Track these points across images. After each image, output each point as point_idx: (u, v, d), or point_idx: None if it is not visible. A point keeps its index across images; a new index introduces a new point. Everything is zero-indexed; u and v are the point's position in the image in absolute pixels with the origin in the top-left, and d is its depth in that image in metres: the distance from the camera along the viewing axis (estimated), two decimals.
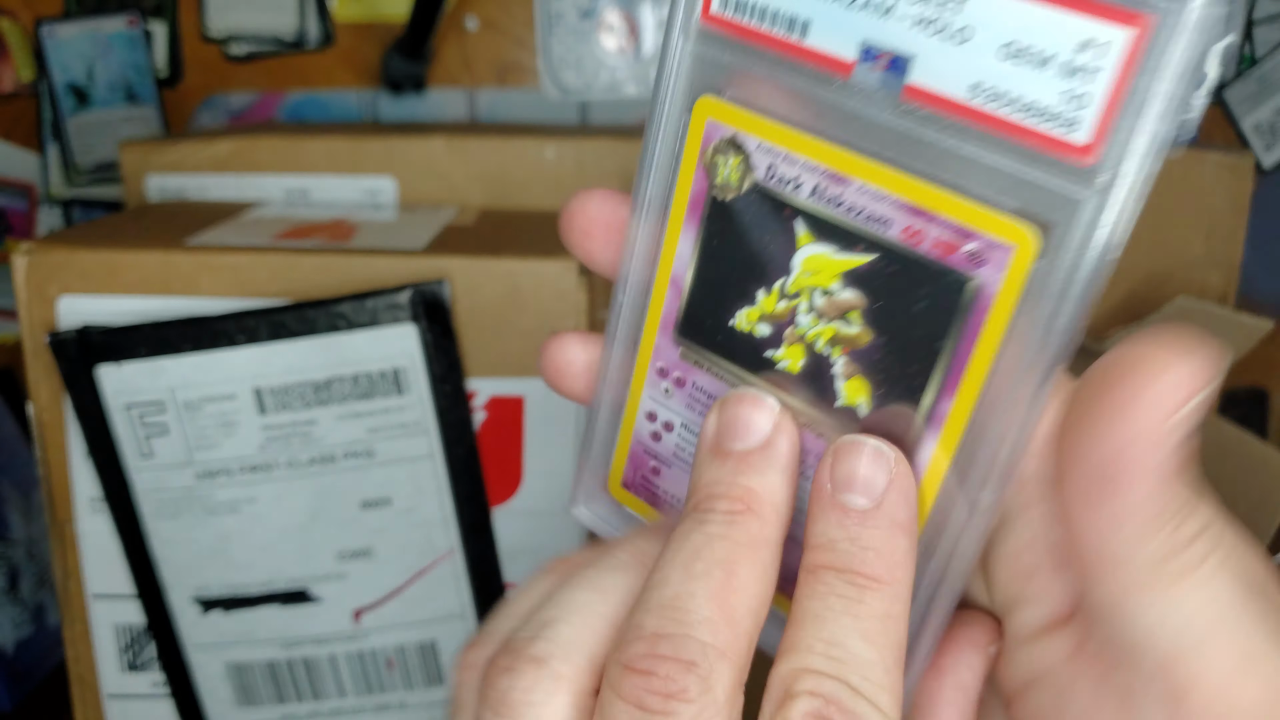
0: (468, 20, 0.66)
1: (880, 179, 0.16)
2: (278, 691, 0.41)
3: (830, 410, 0.18)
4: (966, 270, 0.16)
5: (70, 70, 0.65)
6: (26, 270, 0.38)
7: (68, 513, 0.40)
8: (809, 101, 0.17)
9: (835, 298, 0.17)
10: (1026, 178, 0.15)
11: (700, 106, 0.18)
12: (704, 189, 0.18)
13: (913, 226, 0.16)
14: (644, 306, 0.20)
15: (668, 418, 0.20)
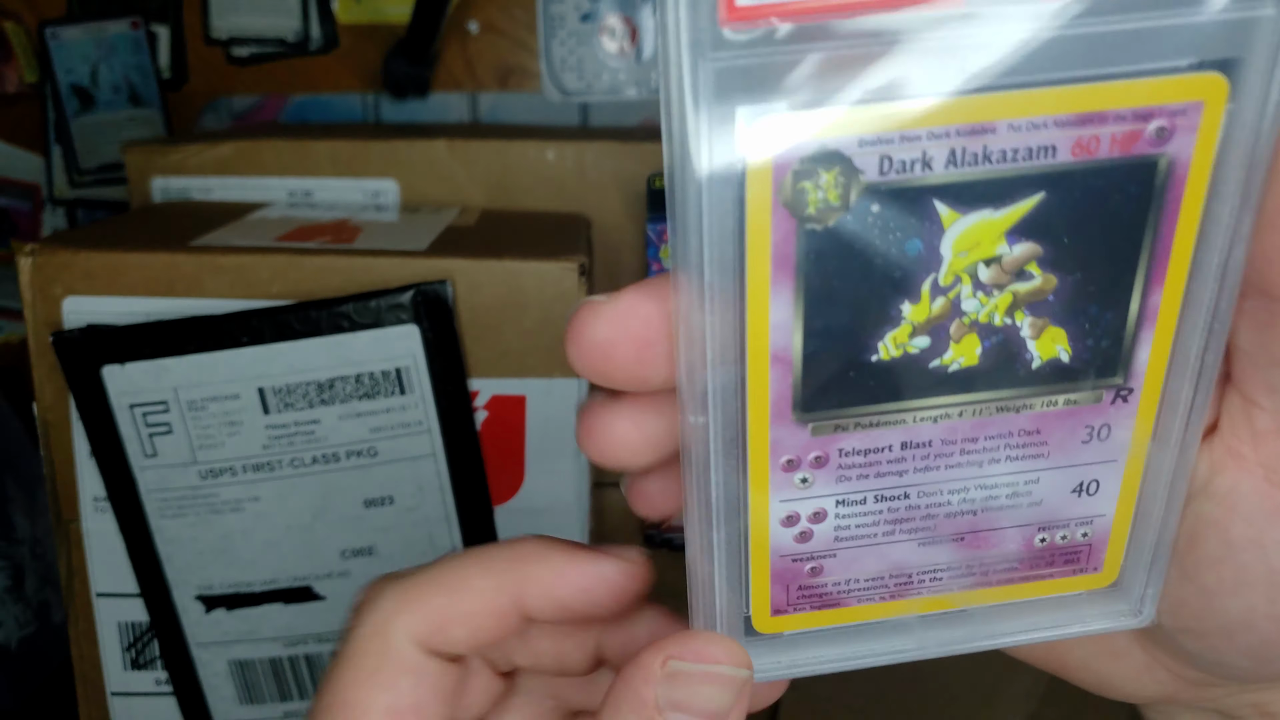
0: (469, 23, 0.66)
1: (1031, 106, 0.14)
2: (280, 689, 0.42)
3: (1027, 376, 0.15)
4: (1154, 152, 0.14)
5: (74, 72, 0.65)
6: (31, 271, 0.38)
7: (72, 512, 0.41)
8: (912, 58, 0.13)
9: (1007, 259, 0.15)
10: (1198, 24, 0.13)
11: (759, 132, 0.13)
12: (790, 230, 0.14)
13: (1083, 138, 0.14)
14: (738, 408, 0.15)
15: (815, 508, 0.16)
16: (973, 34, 0.13)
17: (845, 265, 0.14)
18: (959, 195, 0.14)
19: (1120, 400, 0.16)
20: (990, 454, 0.16)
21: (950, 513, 0.17)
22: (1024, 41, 0.13)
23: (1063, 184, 0.14)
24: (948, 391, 0.16)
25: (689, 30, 0.13)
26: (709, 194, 0.14)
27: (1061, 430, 0.16)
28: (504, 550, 0.18)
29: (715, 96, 0.13)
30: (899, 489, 0.16)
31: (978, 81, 0.13)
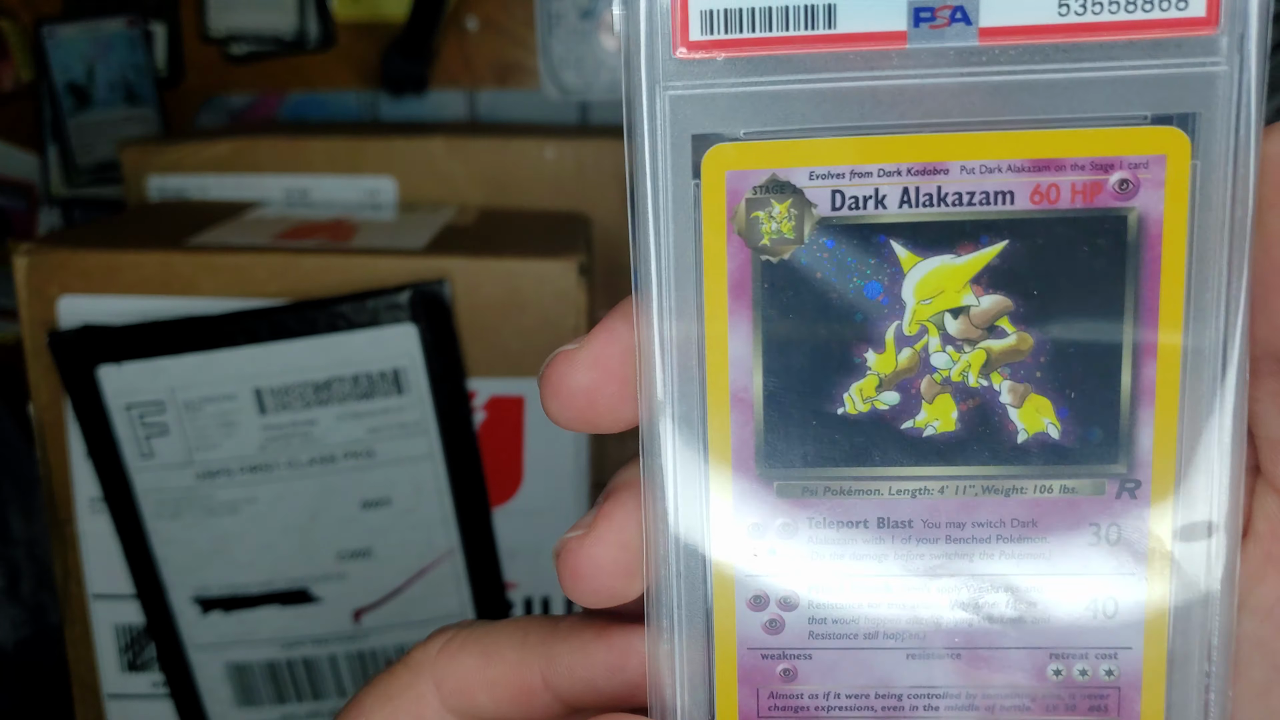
0: (468, 20, 0.66)
1: (983, 149, 0.13)
2: (278, 692, 0.41)
3: (1013, 452, 0.14)
4: (1120, 205, 0.13)
5: (70, 70, 0.65)
6: (27, 270, 0.38)
7: (68, 513, 0.40)
8: (858, 96, 0.13)
9: (975, 311, 0.14)
10: (1151, 76, 0.13)
11: (712, 159, 0.14)
12: (745, 259, 0.14)
13: (1040, 186, 0.13)
14: (699, 456, 0.14)
15: (784, 590, 0.15)
16: (918, 73, 0.13)
17: (803, 301, 0.14)
18: (916, 237, 0.14)
19: (1127, 495, 0.14)
20: (981, 546, 0.14)
21: (931, 621, 0.15)
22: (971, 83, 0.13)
23: (1025, 232, 0.14)
24: (925, 461, 0.14)
25: (647, 59, 0.13)
26: (666, 221, 0.14)
27: (1062, 525, 0.14)
28: (543, 624, 0.18)
29: (671, 124, 0.14)
30: (879, 578, 0.15)
31: (928, 120, 0.13)
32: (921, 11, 0.13)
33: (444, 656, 0.18)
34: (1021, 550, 0.14)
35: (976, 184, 0.14)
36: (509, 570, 0.41)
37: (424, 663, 0.18)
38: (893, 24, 0.13)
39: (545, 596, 0.42)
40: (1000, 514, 0.14)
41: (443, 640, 0.18)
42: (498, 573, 0.41)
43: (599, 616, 0.17)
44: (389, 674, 0.19)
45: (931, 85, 0.13)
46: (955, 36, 0.13)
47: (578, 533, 0.15)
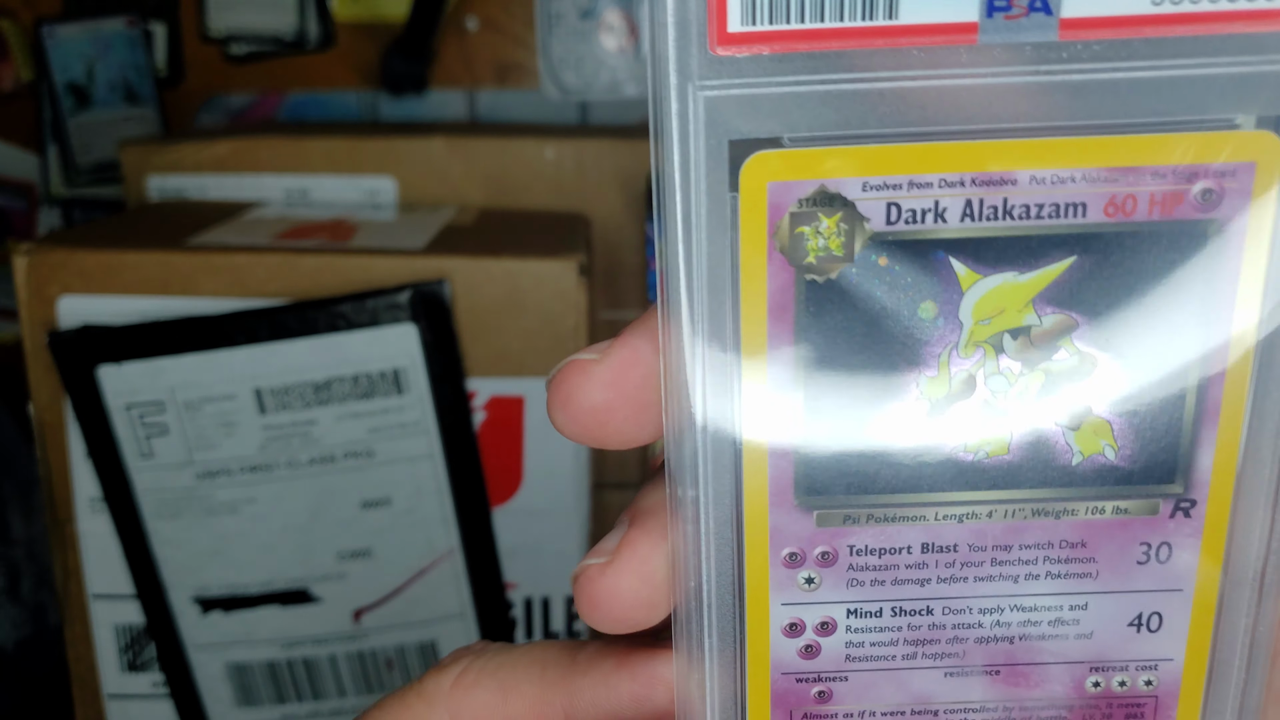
0: (468, 20, 0.66)
1: (1056, 156, 0.12)
2: (278, 692, 0.41)
3: (1067, 475, 0.14)
4: (1201, 216, 0.12)
5: (70, 70, 0.65)
6: (27, 270, 0.38)
7: (68, 513, 0.40)
8: (920, 98, 0.12)
9: (1036, 331, 0.13)
10: (1251, 73, 0.12)
11: (752, 169, 0.12)
12: (788, 280, 0.13)
13: (1116, 196, 0.12)
14: (733, 483, 0.14)
15: (822, 616, 0.14)
16: (990, 71, 0.12)
17: (850, 324, 0.13)
18: (978, 253, 0.13)
19: (1181, 514, 0.14)
20: (1028, 567, 0.14)
21: (982, 637, 0.14)
22: (1048, 83, 0.12)
23: (1097, 247, 0.13)
24: (974, 486, 0.14)
25: (678, 54, 0.12)
26: (699, 236, 0.13)
27: (1112, 545, 0.14)
28: (561, 653, 0.17)
29: (706, 128, 0.12)
30: (921, 602, 0.14)
31: (996, 125, 0.12)
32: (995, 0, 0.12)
33: (459, 690, 0.18)
34: (1070, 570, 0.14)
35: (1047, 195, 0.12)
36: (509, 570, 0.41)
37: (438, 695, 0.18)
38: (963, 14, 0.12)
39: (545, 596, 0.42)
40: (1049, 536, 0.14)
41: (457, 670, 0.18)
42: (497, 573, 0.41)
43: (619, 642, 0.17)
44: (401, 702, 0.18)
45: (1004, 86, 0.12)
46: (1034, 29, 0.12)
47: (599, 560, 0.15)
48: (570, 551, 0.41)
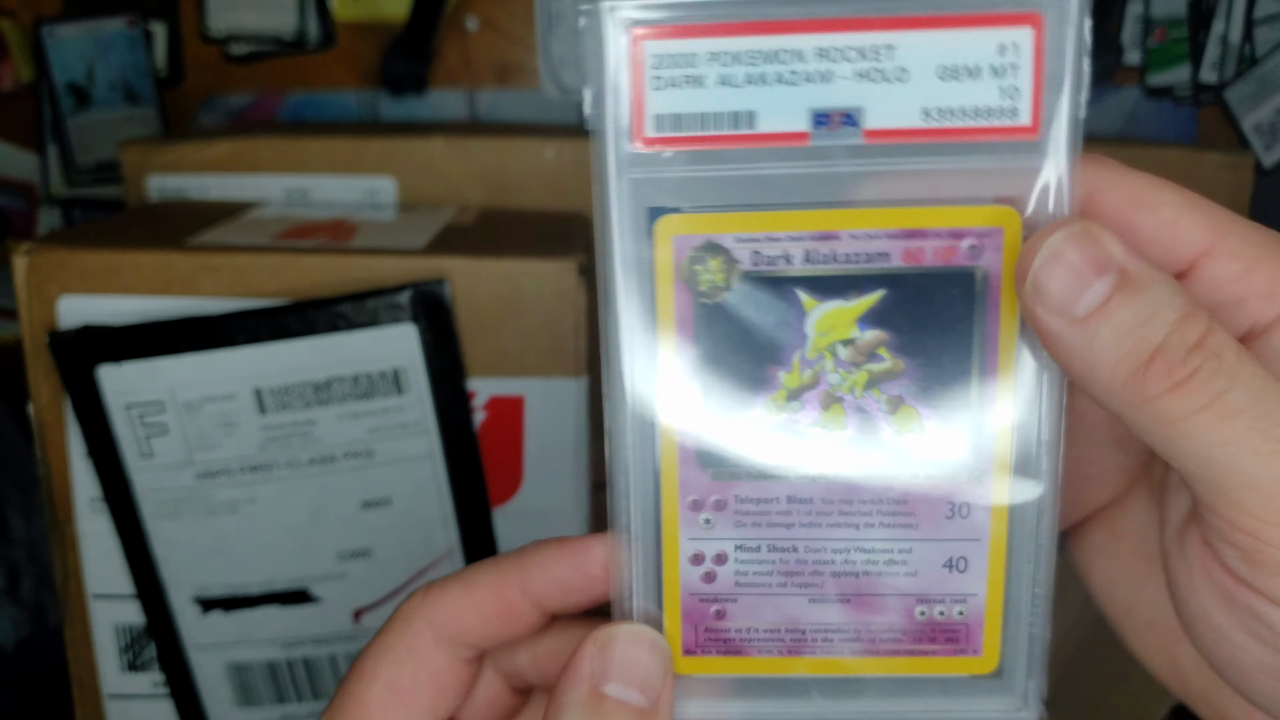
0: (468, 20, 0.66)
1: (866, 221, 0.18)
2: (278, 692, 0.42)
3: (889, 448, 0.19)
4: (969, 264, 0.18)
5: (70, 70, 0.65)
6: (26, 270, 0.38)
7: (68, 513, 0.40)
8: (772, 180, 0.18)
9: (859, 342, 0.18)
10: (991, 168, 0.18)
11: (663, 227, 0.18)
12: (688, 301, 0.18)
13: (910, 249, 0.18)
14: (653, 451, 0.19)
15: (717, 549, 0.19)
16: (818, 164, 0.18)
17: (731, 332, 0.18)
18: (815, 286, 0.18)
19: (974, 480, 0.19)
20: (865, 518, 0.19)
21: (835, 572, 0.19)
22: (857, 171, 0.18)
23: (899, 284, 0.18)
24: (822, 454, 0.19)
25: (614, 149, 0.18)
26: (628, 271, 0.18)
27: (927, 504, 0.19)
28: (511, 552, 0.21)
29: (631, 200, 0.18)
30: (788, 541, 0.19)
31: (824, 199, 0.18)
32: (820, 116, 0.18)
33: (429, 597, 0.20)
34: (896, 521, 0.19)
35: (861, 247, 0.18)
36: None
37: (413, 609, 0.20)
38: (798, 126, 0.18)
39: None
40: (880, 494, 0.19)
41: (423, 590, 0.21)
42: None
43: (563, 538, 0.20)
44: (383, 630, 0.21)
45: (827, 173, 0.18)
46: (845, 136, 0.18)
47: None
48: None
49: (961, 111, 0.17)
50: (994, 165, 0.18)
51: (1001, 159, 0.18)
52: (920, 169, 0.18)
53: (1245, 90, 0.66)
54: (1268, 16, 0.65)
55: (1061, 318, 0.16)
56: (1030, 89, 0.17)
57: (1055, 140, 0.17)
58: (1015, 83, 0.17)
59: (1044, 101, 0.17)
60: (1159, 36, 0.66)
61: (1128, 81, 0.67)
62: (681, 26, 0.17)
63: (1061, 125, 0.17)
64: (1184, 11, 0.66)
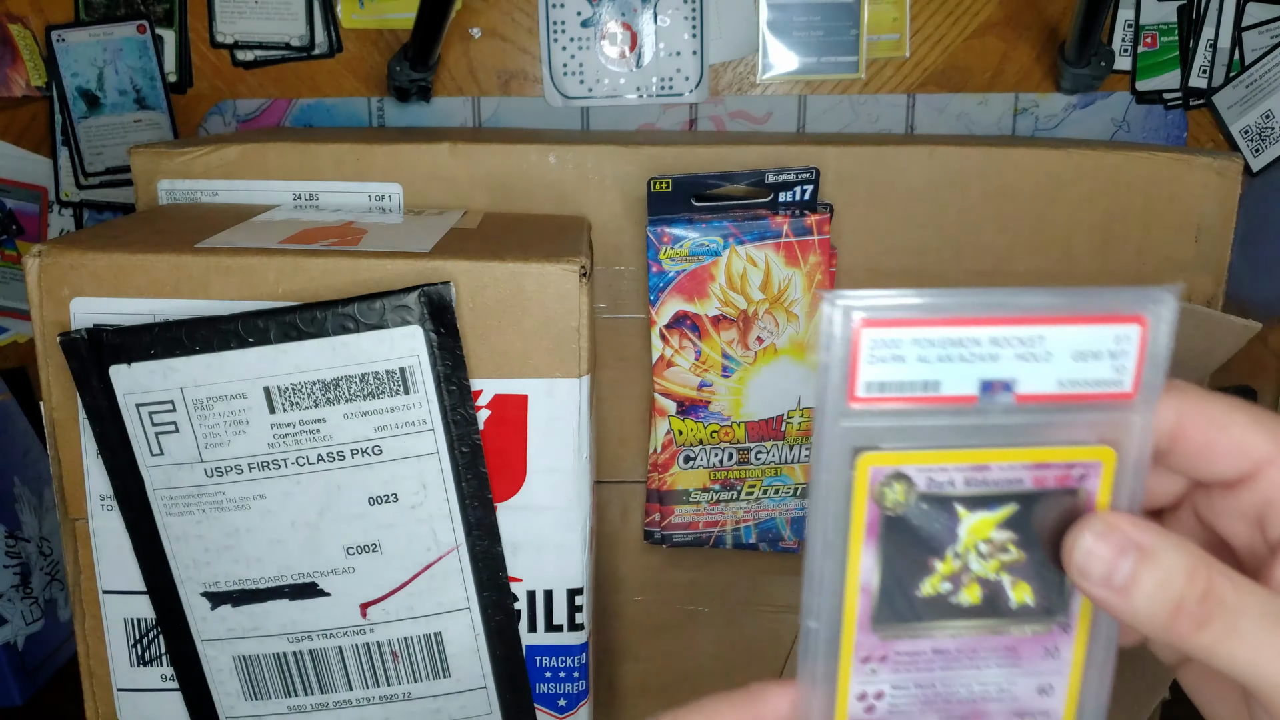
0: (472, 29, 0.67)
1: (1011, 457, 0.24)
2: (285, 685, 0.42)
3: (1007, 611, 0.25)
4: (1078, 485, 0.24)
5: (81, 75, 0.66)
6: (39, 272, 0.39)
7: (80, 510, 0.41)
8: (948, 428, 0.24)
9: (995, 540, 0.24)
10: (1101, 421, 0.24)
11: (864, 461, 0.24)
12: (876, 515, 0.24)
13: (1039, 475, 0.24)
14: (838, 621, 0.25)
15: (877, 688, 0.25)
16: (975, 420, 0.24)
17: (905, 537, 0.24)
18: (969, 502, 0.24)
19: (1061, 630, 0.25)
20: (984, 661, 0.25)
21: (959, 699, 0.25)
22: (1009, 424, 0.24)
23: (1028, 500, 0.24)
24: (961, 618, 0.25)
25: (832, 405, 0.23)
26: (833, 492, 0.24)
27: (1029, 649, 0.25)
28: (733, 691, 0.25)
29: (842, 441, 0.24)
30: (929, 681, 0.25)
31: (981, 442, 0.24)
32: (988, 384, 0.23)
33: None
34: (1005, 661, 0.25)
35: (1005, 475, 0.24)
36: (512, 565, 0.42)
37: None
38: (970, 390, 0.23)
39: (548, 590, 0.43)
40: (997, 645, 0.25)
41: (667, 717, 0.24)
42: (502, 567, 0.42)
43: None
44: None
45: (986, 423, 0.24)
46: (1003, 398, 0.23)
47: None
48: (572, 547, 0.42)
49: (1086, 382, 0.24)
50: (1102, 419, 0.24)
51: (1109, 415, 0.24)
52: (1053, 419, 0.24)
53: (1234, 95, 0.66)
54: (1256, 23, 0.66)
55: (1105, 590, 0.23)
56: (1134, 367, 0.24)
57: (1147, 401, 0.24)
58: (1125, 363, 0.24)
59: (1142, 377, 0.24)
60: (1149, 42, 0.67)
61: (1118, 87, 0.68)
62: (894, 320, 0.23)
63: (1153, 390, 0.24)
64: (1174, 17, 0.67)
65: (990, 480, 0.24)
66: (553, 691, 0.44)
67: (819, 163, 0.51)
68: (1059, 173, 0.52)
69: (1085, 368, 0.23)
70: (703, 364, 0.50)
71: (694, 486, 0.52)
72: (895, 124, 0.69)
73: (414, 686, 0.42)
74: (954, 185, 0.52)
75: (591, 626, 0.44)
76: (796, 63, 0.67)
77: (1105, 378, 0.24)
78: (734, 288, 0.49)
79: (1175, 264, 0.53)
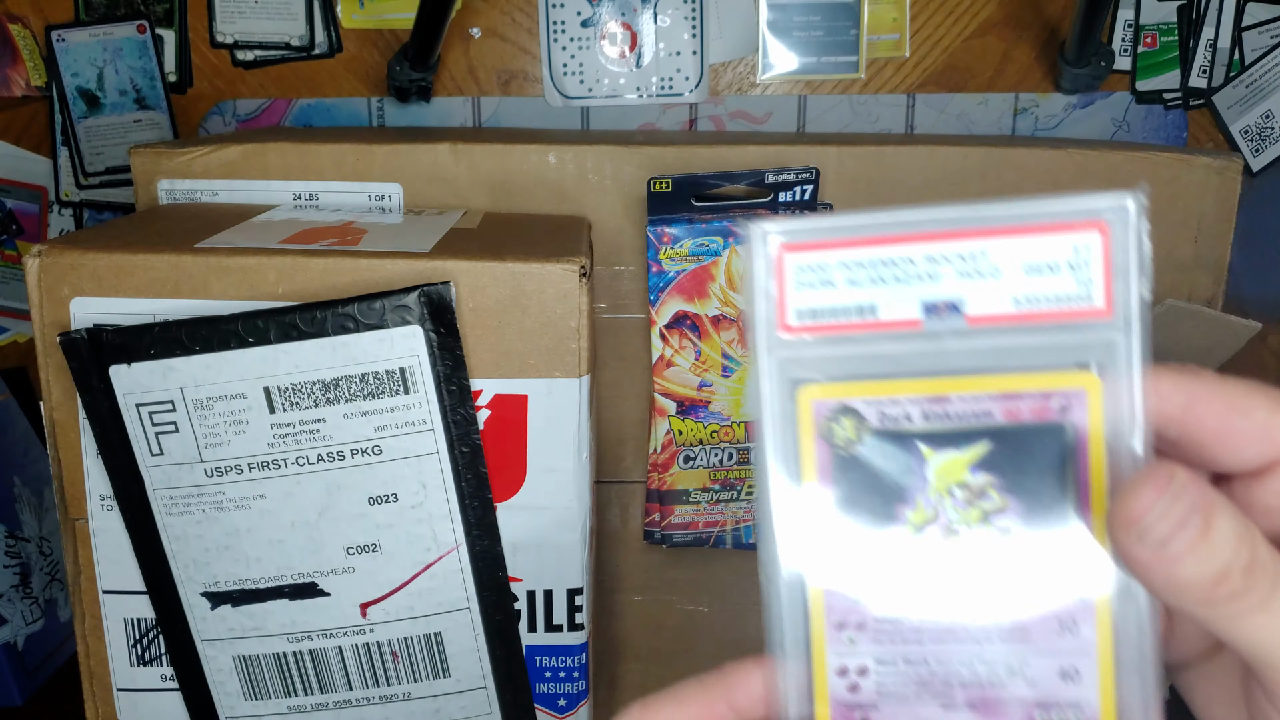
0: (472, 29, 0.67)
1: (972, 386, 0.22)
2: (285, 685, 0.42)
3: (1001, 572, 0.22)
4: (1061, 420, 0.21)
5: (81, 75, 0.66)
6: (39, 272, 0.39)
7: (80, 510, 0.41)
8: (893, 356, 0.22)
9: (972, 484, 0.22)
10: (1074, 342, 0.21)
11: (804, 394, 0.22)
12: (827, 453, 0.22)
13: (1009, 408, 0.22)
14: (801, 578, 0.23)
15: (860, 662, 0.23)
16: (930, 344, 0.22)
17: (864, 478, 0.22)
18: (933, 440, 0.22)
19: (1079, 600, 0.21)
20: (983, 635, 0.22)
21: (963, 682, 0.22)
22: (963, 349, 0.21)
23: (1002, 436, 0.22)
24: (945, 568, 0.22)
25: (764, 336, 0.22)
26: (775, 431, 0.22)
27: (1038, 621, 0.22)
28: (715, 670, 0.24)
29: (779, 373, 0.22)
30: (920, 655, 0.22)
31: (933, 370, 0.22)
32: (929, 306, 0.22)
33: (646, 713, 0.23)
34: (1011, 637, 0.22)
35: (969, 408, 0.22)
36: (512, 565, 0.42)
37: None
38: (912, 315, 0.22)
39: (547, 590, 0.43)
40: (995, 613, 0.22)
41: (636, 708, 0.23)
42: (502, 567, 0.42)
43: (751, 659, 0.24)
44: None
45: (936, 348, 0.22)
46: (951, 321, 0.22)
47: None
48: (572, 547, 0.42)
49: (1046, 298, 0.21)
50: (1074, 340, 0.21)
51: (1082, 335, 0.21)
52: (1016, 342, 0.22)
53: (1234, 95, 0.66)
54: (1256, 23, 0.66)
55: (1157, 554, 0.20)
56: (1102, 279, 0.21)
57: (1126, 318, 0.21)
58: (1089, 275, 0.21)
59: (1113, 289, 0.21)
60: (1149, 42, 0.67)
61: (1118, 86, 0.68)
62: (816, 242, 0.22)
63: (1131, 307, 0.21)
64: (1174, 17, 0.67)
65: (953, 414, 0.22)
66: (552, 691, 0.44)
67: (819, 163, 0.51)
68: (1059, 173, 0.52)
69: (1043, 282, 0.21)
70: (703, 364, 0.50)
71: (694, 486, 0.52)
72: (895, 124, 0.69)
73: (414, 686, 0.42)
74: (954, 185, 0.52)
75: (591, 626, 0.44)
76: (796, 63, 0.67)
77: (1070, 292, 0.21)
78: (734, 288, 0.49)
79: (1175, 264, 0.53)
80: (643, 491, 0.53)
